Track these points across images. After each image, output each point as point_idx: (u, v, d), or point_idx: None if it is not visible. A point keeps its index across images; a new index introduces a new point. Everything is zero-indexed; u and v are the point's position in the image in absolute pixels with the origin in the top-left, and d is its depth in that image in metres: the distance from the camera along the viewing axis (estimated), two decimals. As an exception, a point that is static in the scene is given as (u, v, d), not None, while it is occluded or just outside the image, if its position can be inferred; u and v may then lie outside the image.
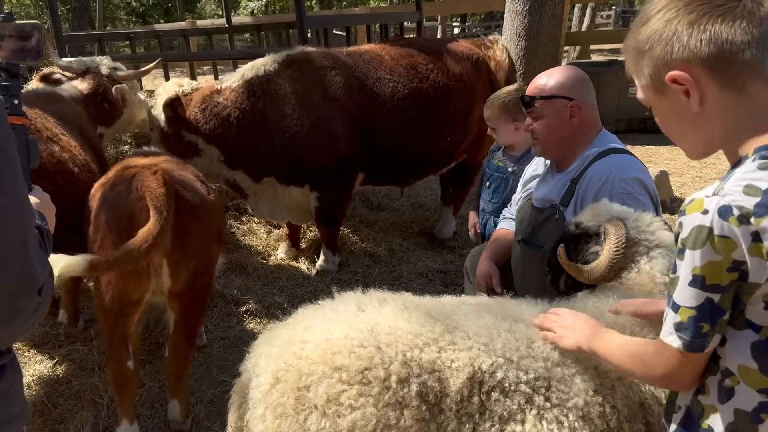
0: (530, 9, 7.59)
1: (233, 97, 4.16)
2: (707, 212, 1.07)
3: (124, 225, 2.57)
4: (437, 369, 1.52)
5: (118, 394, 2.77)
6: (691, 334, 1.12)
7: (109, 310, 2.66)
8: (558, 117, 2.52)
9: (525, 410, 1.51)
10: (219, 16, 41.93)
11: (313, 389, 1.49)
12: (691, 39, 1.12)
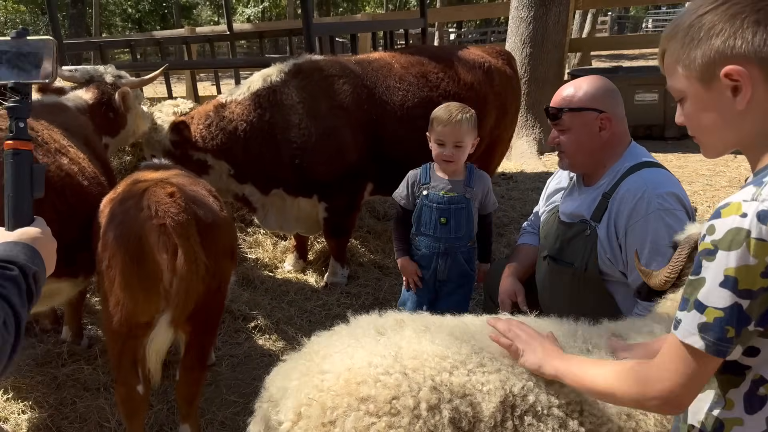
0: (535, 16, 7.58)
1: (239, 110, 4.07)
2: (746, 216, 1.05)
3: (133, 244, 2.46)
4: (468, 393, 1.45)
5: (128, 420, 2.66)
6: (716, 336, 1.08)
7: (118, 332, 2.54)
8: (587, 130, 2.43)
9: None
10: (215, 23, 41.95)
11: (340, 424, 1.40)
12: (756, 37, 1.09)
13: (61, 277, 2.89)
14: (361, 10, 41.64)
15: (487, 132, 4.62)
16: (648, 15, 37.36)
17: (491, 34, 27.10)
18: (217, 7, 44.39)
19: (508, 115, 5.05)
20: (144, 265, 2.45)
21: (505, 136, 5.27)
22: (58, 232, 2.70)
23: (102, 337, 3.88)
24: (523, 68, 7.61)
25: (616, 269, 2.38)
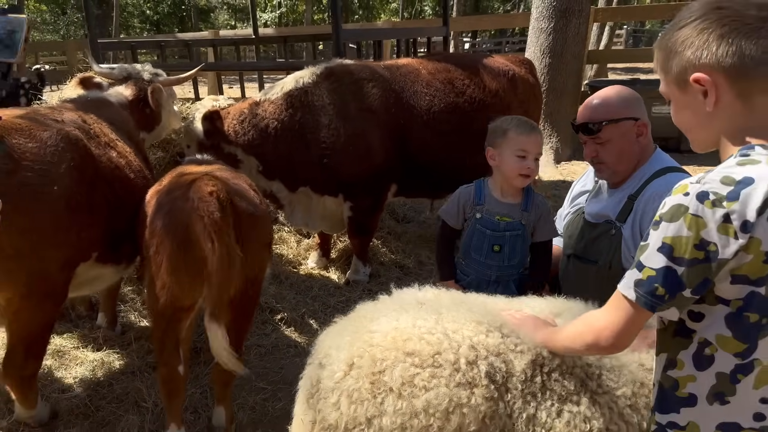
0: (555, 27, 7.70)
1: (272, 109, 4.23)
2: (688, 194, 1.24)
3: (181, 232, 2.60)
4: (502, 352, 1.60)
5: (167, 399, 2.79)
6: (645, 291, 1.28)
7: (163, 314, 2.69)
8: (627, 139, 2.53)
9: (580, 393, 1.59)
10: (232, 26, 42.36)
11: (388, 373, 1.55)
12: (719, 49, 1.27)
13: (106, 263, 3.05)
14: (376, 18, 41.97)
15: None
16: (663, 29, 37.38)
17: (506, 44, 27.21)
18: (235, 11, 44.89)
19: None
20: (190, 252, 2.59)
21: None
22: (107, 222, 2.88)
23: (135, 324, 4.05)
24: (542, 78, 7.72)
25: None
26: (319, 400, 1.63)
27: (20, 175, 2.45)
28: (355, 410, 1.54)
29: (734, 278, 1.25)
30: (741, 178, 1.21)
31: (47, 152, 2.60)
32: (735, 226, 1.19)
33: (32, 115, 2.81)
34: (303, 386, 1.75)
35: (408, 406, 1.51)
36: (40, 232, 2.53)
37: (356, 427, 1.54)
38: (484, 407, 1.52)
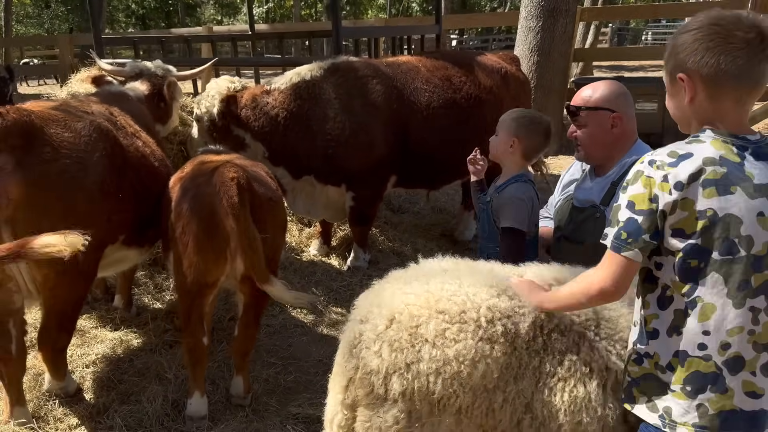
0: (543, 26, 7.98)
1: (281, 98, 4.46)
2: (643, 162, 1.62)
3: (206, 214, 2.85)
4: (511, 314, 1.86)
5: (192, 368, 3.04)
6: (614, 236, 1.64)
7: (189, 290, 2.93)
8: (600, 127, 2.82)
9: (579, 344, 1.87)
10: (218, 21, 42.31)
11: (424, 327, 1.82)
12: (702, 59, 1.58)
13: (131, 246, 3.28)
14: (363, 14, 42.13)
15: None
16: (648, 28, 37.91)
17: (493, 42, 27.53)
18: (221, 6, 44.85)
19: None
20: (214, 233, 2.84)
21: None
22: (134, 207, 3.11)
23: (149, 306, 4.27)
24: (530, 75, 7.99)
25: None
26: (362, 349, 1.88)
27: (60, 163, 2.68)
28: (396, 357, 1.81)
29: (674, 232, 1.58)
30: (683, 153, 1.59)
31: (81, 142, 2.83)
32: (670, 184, 1.56)
33: (64, 107, 3.04)
34: (345, 339, 2.00)
35: (441, 355, 1.77)
36: (76, 216, 2.75)
37: (396, 371, 1.80)
38: (502, 360, 1.79)
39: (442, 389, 1.77)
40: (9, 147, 2.54)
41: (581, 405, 1.80)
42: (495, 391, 1.79)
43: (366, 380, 1.86)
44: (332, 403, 2.04)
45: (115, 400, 3.25)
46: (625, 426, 1.83)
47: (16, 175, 2.55)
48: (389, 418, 1.83)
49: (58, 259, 2.75)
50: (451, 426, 1.80)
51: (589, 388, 1.81)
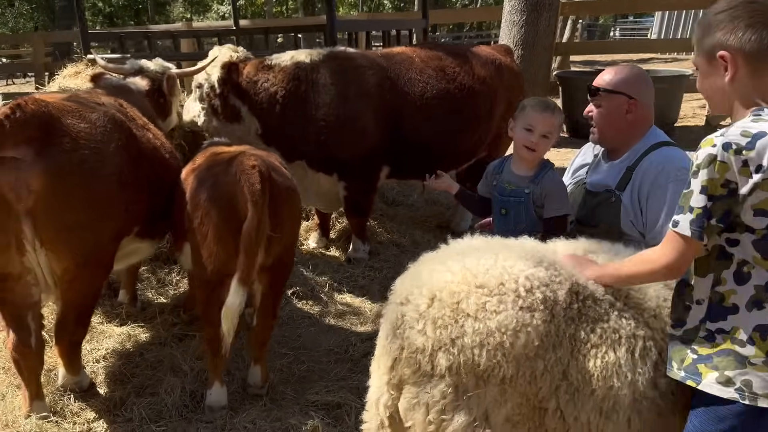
0: (527, 20, 8.10)
1: (281, 77, 4.47)
2: (715, 146, 1.60)
3: (226, 203, 2.86)
4: (548, 283, 1.92)
5: (212, 358, 3.04)
6: (698, 225, 1.64)
7: (209, 280, 2.93)
8: (615, 110, 2.88)
9: (609, 312, 1.93)
10: (188, 19, 41.83)
11: (464, 302, 1.86)
12: (744, 35, 1.63)
13: (144, 238, 3.27)
14: (337, 10, 42.01)
15: (496, 124, 5.07)
16: (616, 24, 38.56)
17: (464, 39, 27.72)
18: (191, 3, 44.35)
19: (514, 110, 5.41)
20: (235, 221, 2.85)
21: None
22: (148, 198, 3.10)
23: (153, 301, 4.25)
24: (514, 69, 8.12)
25: (635, 230, 2.85)
26: (405, 330, 1.91)
27: (79, 153, 2.66)
28: (440, 333, 1.84)
29: (756, 212, 1.60)
30: (756, 132, 1.58)
31: (98, 132, 2.81)
32: (751, 169, 1.57)
33: (75, 98, 3.01)
34: (387, 321, 2.03)
35: (484, 327, 1.82)
36: (96, 206, 2.75)
37: (442, 347, 1.84)
38: (542, 328, 1.84)
39: (486, 361, 1.82)
40: (28, 138, 2.52)
41: (612, 370, 1.86)
42: (536, 360, 1.84)
43: (412, 359, 1.90)
44: (377, 384, 2.07)
45: (131, 394, 3.24)
46: (655, 391, 1.89)
47: (37, 166, 2.53)
48: (436, 393, 1.87)
49: (78, 251, 2.77)
50: (495, 396, 1.85)
51: (619, 354, 1.87)
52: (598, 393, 1.86)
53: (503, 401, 1.85)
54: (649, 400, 1.87)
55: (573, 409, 1.85)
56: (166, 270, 4.54)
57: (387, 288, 4.58)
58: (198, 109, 4.64)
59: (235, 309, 2.79)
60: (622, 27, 38.19)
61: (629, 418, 1.86)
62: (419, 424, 1.92)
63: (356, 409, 3.09)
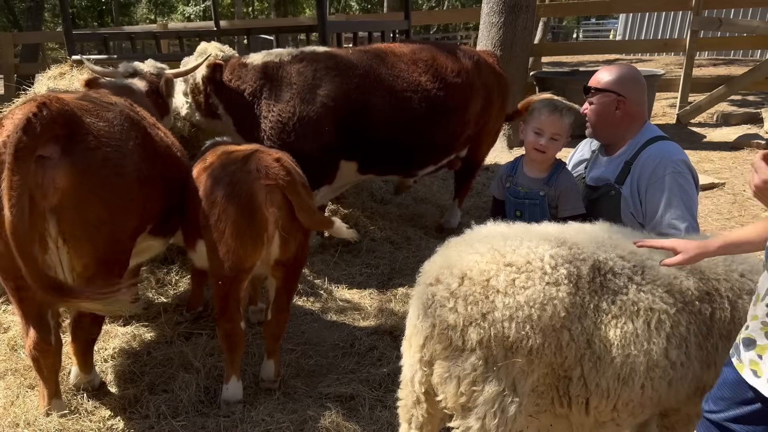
0: (505, 21, 8.25)
1: (252, 74, 4.59)
2: None
3: (245, 200, 2.91)
4: (570, 260, 2.06)
5: (230, 353, 3.09)
6: None
7: (227, 276, 2.98)
8: (605, 107, 3.06)
9: (628, 286, 2.08)
10: (151, 21, 41.26)
11: (494, 279, 1.99)
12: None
13: (156, 235, 3.29)
14: (301, 13, 41.93)
15: (473, 118, 5.09)
16: (579, 26, 39.33)
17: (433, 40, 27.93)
18: (155, 5, 43.75)
19: (494, 107, 5.31)
20: (253, 218, 2.91)
21: (491, 129, 5.52)
22: (163, 196, 3.14)
23: (154, 301, 4.26)
24: (493, 69, 8.27)
25: (635, 221, 3.00)
26: (437, 308, 2.03)
27: (103, 151, 2.69)
28: (471, 309, 1.97)
29: None
30: None
31: (116, 130, 2.83)
32: None
33: (89, 98, 3.02)
34: (417, 302, 2.14)
35: (513, 302, 1.95)
36: (118, 203, 2.77)
37: (473, 322, 1.97)
38: (567, 300, 1.98)
39: (515, 333, 1.95)
40: (54, 137, 2.54)
41: (630, 339, 2.01)
42: (562, 330, 1.98)
43: (444, 335, 2.02)
44: (410, 362, 2.19)
45: (144, 391, 3.26)
46: (667, 361, 2.05)
47: (63, 164, 2.55)
48: (467, 366, 2.00)
49: (99, 248, 2.79)
50: (523, 367, 1.98)
51: (636, 325, 2.03)
52: (617, 360, 2.01)
53: (530, 371, 1.99)
54: (661, 369, 2.04)
55: (595, 375, 2.01)
56: (165, 270, 4.56)
57: (384, 284, 4.74)
58: (183, 101, 4.77)
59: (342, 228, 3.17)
60: (585, 29, 38.95)
61: (643, 385, 2.03)
62: (451, 397, 2.05)
63: (369, 400, 3.18)
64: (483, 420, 1.98)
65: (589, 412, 2.05)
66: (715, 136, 8.96)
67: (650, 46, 14.61)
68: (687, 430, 2.27)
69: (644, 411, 2.12)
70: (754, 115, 9.57)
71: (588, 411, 2.05)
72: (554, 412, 2.09)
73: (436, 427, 2.33)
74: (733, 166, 7.56)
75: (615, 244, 2.19)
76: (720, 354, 2.09)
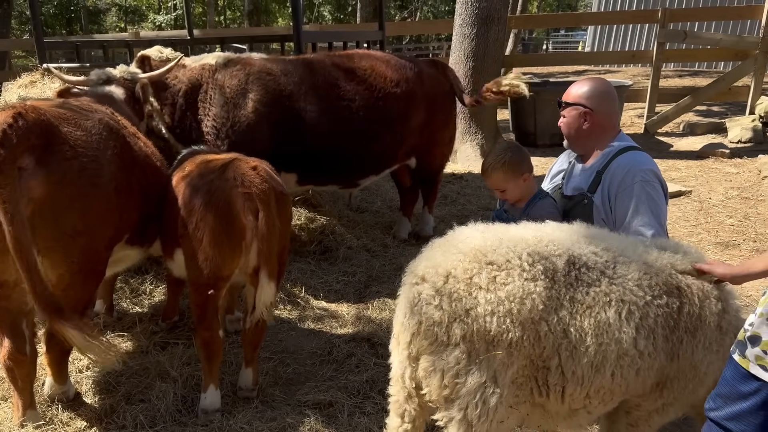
0: (477, 33, 8.39)
1: (188, 75, 4.60)
2: None
3: (222, 208, 2.92)
4: (547, 256, 2.17)
5: (208, 361, 3.08)
6: None
7: (206, 284, 2.98)
8: (575, 120, 3.15)
9: (600, 279, 2.18)
10: (121, 29, 40.85)
11: (476, 277, 2.09)
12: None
13: (133, 245, 3.28)
14: (273, 22, 41.90)
15: (416, 128, 5.07)
16: (549, 38, 40.02)
17: (405, 51, 28.09)
18: (125, 13, 43.34)
19: (440, 116, 5.25)
20: (231, 226, 2.92)
21: (442, 138, 5.40)
22: (140, 205, 3.13)
23: (129, 311, 4.23)
24: (466, 81, 8.38)
25: (606, 227, 3.08)
26: (422, 306, 2.11)
27: (79, 161, 2.68)
28: (455, 306, 2.06)
29: None
30: None
31: (94, 140, 2.83)
32: None
33: (68, 106, 3.01)
34: (404, 300, 2.21)
35: (495, 297, 2.05)
36: (95, 214, 2.76)
37: (457, 318, 2.05)
38: (544, 294, 2.08)
39: (496, 327, 2.04)
40: (30, 147, 2.53)
41: (603, 328, 2.12)
42: (540, 322, 2.08)
43: (430, 331, 2.10)
44: (398, 359, 2.28)
45: (120, 401, 3.23)
46: (635, 351, 2.15)
47: (38, 174, 2.54)
48: (451, 359, 2.08)
49: (75, 258, 2.78)
50: (503, 359, 2.07)
51: (608, 314, 2.13)
52: (591, 349, 2.11)
53: (510, 363, 2.08)
54: (630, 358, 2.15)
55: (572, 364, 2.11)
56: (139, 279, 4.52)
57: (361, 292, 4.77)
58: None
59: (270, 303, 2.99)
60: (555, 41, 39.64)
61: (613, 372, 2.14)
62: (435, 389, 2.14)
63: (348, 406, 3.20)
64: (465, 410, 2.08)
65: (564, 399, 2.15)
66: (682, 145, 9.19)
67: (618, 58, 14.93)
68: (648, 425, 2.38)
69: (613, 398, 2.23)
70: (719, 125, 9.84)
71: (564, 399, 2.15)
72: (533, 401, 2.18)
73: (425, 421, 2.42)
74: (699, 175, 7.76)
75: (589, 242, 2.29)
76: (684, 347, 2.21)
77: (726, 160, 8.26)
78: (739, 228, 5.95)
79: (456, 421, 2.12)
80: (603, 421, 2.52)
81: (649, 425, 2.37)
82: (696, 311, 2.23)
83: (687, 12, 13.33)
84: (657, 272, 2.25)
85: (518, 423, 2.30)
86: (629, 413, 2.35)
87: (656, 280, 2.23)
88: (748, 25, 15.80)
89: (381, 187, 6.90)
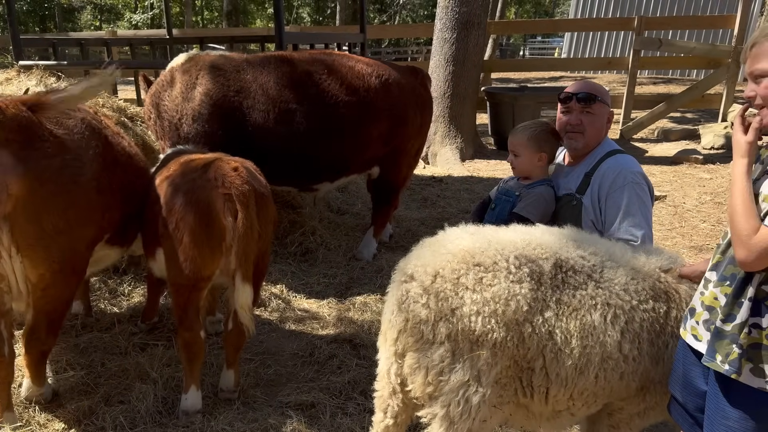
0: (457, 37, 8.46)
1: (162, 77, 4.82)
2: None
3: (203, 209, 2.91)
4: (534, 259, 2.20)
5: (189, 362, 3.06)
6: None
7: (186, 285, 2.96)
8: (603, 118, 3.17)
9: (587, 282, 2.21)
10: (97, 27, 40.35)
11: (464, 277, 2.11)
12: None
13: (113, 245, 3.25)
14: (251, 24, 41.74)
15: (376, 138, 4.86)
16: (526, 43, 40.41)
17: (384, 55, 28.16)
18: (101, 11, 42.79)
19: (407, 127, 5.00)
20: (211, 226, 2.91)
21: (408, 148, 5.16)
22: (122, 205, 3.11)
23: (107, 311, 4.18)
24: (446, 84, 8.45)
25: (595, 229, 3.12)
26: (410, 304, 2.14)
27: (60, 159, 2.65)
28: (442, 305, 2.09)
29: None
30: None
31: (76, 138, 2.80)
32: None
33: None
34: (392, 297, 2.25)
35: (480, 298, 2.08)
36: (76, 212, 2.73)
37: (443, 317, 2.08)
38: (529, 296, 2.11)
39: (481, 326, 2.07)
40: (8, 142, 2.50)
41: (589, 331, 2.15)
42: (524, 323, 2.11)
43: (416, 329, 2.13)
44: (385, 356, 2.31)
45: (99, 403, 3.19)
46: (620, 354, 2.18)
47: (17, 171, 2.50)
48: (436, 357, 2.11)
49: (55, 258, 2.74)
50: (488, 359, 2.09)
51: (594, 317, 2.16)
52: (575, 351, 2.14)
53: (494, 363, 2.11)
54: (614, 361, 2.17)
55: (556, 366, 2.14)
56: (117, 280, 4.48)
57: (342, 293, 4.77)
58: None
59: (248, 306, 2.93)
60: (531, 46, 40.05)
61: (597, 375, 2.17)
62: (419, 386, 2.17)
63: (330, 407, 3.20)
64: (448, 408, 2.11)
65: (548, 401, 2.18)
66: (657, 151, 9.36)
67: (595, 64, 15.13)
68: (629, 428, 2.42)
69: (597, 401, 2.26)
70: (692, 131, 10.04)
71: (547, 400, 2.18)
72: (517, 402, 2.21)
73: (409, 417, 2.45)
74: (674, 180, 7.91)
75: (578, 246, 2.33)
76: (669, 352, 2.23)
77: (699, 166, 8.43)
78: (713, 232, 6.08)
79: (439, 418, 2.15)
80: (584, 422, 2.55)
81: (630, 428, 2.41)
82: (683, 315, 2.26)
83: (662, 20, 13.61)
84: (644, 277, 2.29)
85: (501, 422, 2.33)
86: (611, 415, 2.38)
87: (643, 284, 2.26)
88: (720, 34, 16.16)
89: (361, 189, 6.90)
